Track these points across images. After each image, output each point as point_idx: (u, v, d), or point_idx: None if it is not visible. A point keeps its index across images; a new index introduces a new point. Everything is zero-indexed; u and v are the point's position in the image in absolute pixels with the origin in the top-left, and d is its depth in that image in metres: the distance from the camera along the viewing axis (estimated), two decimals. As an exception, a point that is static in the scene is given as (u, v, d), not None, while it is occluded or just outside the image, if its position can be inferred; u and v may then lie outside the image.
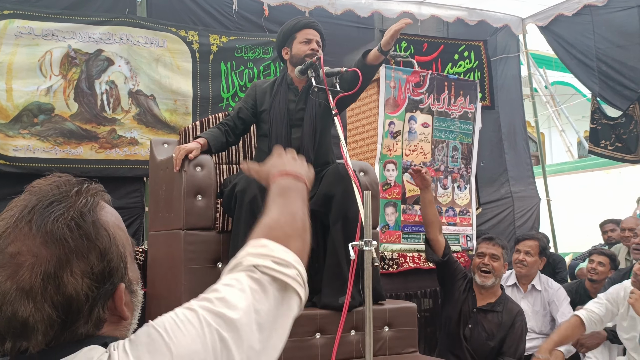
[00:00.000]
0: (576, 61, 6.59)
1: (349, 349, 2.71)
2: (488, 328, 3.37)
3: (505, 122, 6.86)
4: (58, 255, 0.84)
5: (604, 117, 6.68)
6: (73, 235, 0.86)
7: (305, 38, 3.06)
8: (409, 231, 4.46)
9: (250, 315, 0.90)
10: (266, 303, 0.93)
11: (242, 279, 0.94)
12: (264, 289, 0.94)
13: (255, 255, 0.98)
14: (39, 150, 4.58)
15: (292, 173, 1.19)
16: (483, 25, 6.66)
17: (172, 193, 2.97)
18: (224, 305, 0.89)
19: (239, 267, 0.97)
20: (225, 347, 0.86)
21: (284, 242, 1.02)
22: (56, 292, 0.84)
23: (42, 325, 0.84)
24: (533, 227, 6.71)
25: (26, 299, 0.83)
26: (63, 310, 0.84)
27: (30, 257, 0.84)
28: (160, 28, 5.05)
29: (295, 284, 0.98)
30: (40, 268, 0.84)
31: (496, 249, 3.41)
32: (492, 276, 3.36)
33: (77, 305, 0.85)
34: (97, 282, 0.87)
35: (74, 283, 0.85)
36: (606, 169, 9.98)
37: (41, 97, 4.61)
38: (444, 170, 4.63)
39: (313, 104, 3.04)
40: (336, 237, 2.75)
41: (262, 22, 5.54)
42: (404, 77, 4.48)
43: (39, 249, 0.84)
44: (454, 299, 3.47)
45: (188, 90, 5.12)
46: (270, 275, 0.95)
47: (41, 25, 4.63)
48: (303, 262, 1.04)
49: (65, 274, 0.84)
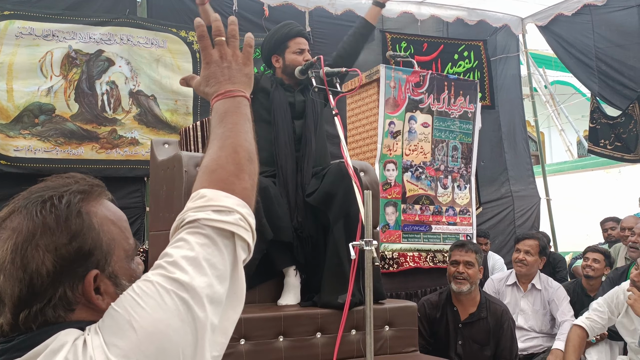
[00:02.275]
0: (576, 61, 6.60)
1: (349, 349, 2.72)
2: (479, 338, 3.34)
3: (505, 121, 6.88)
4: (27, 229, 0.88)
5: (604, 116, 6.69)
6: (44, 212, 0.89)
7: (298, 48, 3.07)
8: (409, 231, 4.47)
9: (205, 271, 0.89)
10: (218, 255, 0.92)
11: (189, 238, 0.93)
12: (212, 241, 0.93)
13: (196, 209, 0.96)
14: (39, 150, 4.59)
15: (229, 92, 1.11)
16: (483, 25, 6.67)
17: (173, 193, 2.98)
18: (177, 269, 0.88)
19: (183, 225, 0.96)
20: (188, 307, 0.86)
21: (226, 184, 1.00)
22: (21, 264, 0.87)
23: (9, 300, 0.87)
24: (533, 226, 6.73)
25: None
26: (26, 285, 0.87)
27: (8, 231, 0.89)
28: (161, 28, 5.07)
29: (239, 229, 0.96)
30: (11, 241, 0.88)
31: (469, 256, 3.37)
32: (467, 282, 3.33)
33: (40, 280, 0.87)
34: (63, 261, 0.88)
35: (37, 257, 0.87)
36: (606, 168, 9.99)
37: (42, 98, 4.62)
38: (444, 170, 4.64)
39: (312, 99, 3.09)
40: (337, 236, 2.75)
41: (262, 22, 5.56)
42: (403, 77, 4.49)
43: (14, 225, 0.89)
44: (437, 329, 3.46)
45: (188, 90, 5.12)
46: (213, 226, 0.94)
47: (42, 26, 4.64)
48: (249, 200, 1.02)
49: (29, 247, 0.87)
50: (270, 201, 2.75)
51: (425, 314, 3.46)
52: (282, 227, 2.76)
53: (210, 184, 1.00)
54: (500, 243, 6.52)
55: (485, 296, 3.46)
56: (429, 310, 3.46)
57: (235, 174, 1.03)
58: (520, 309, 3.94)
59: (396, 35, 6.27)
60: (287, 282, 2.85)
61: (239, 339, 2.48)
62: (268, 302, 2.90)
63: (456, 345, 3.35)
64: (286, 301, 2.80)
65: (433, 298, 3.55)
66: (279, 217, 2.76)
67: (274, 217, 2.74)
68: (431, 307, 3.47)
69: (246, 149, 1.07)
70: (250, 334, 2.51)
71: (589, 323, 3.27)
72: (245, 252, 0.98)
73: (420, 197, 4.52)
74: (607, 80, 6.41)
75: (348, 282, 2.28)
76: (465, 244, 3.50)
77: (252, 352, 2.50)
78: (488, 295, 3.55)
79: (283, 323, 2.59)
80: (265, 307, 2.82)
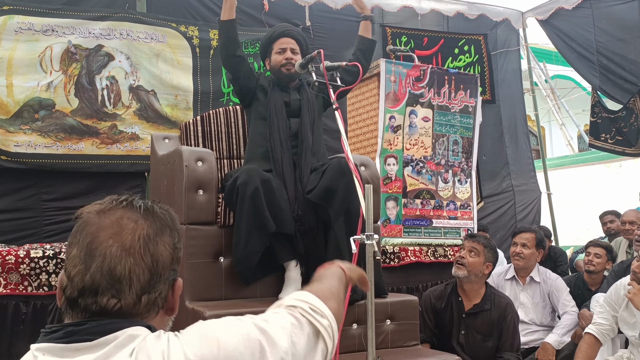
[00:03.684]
0: (576, 55, 6.58)
1: (351, 343, 2.72)
2: (482, 329, 3.35)
3: (506, 116, 6.86)
4: (156, 225, 1.03)
5: (605, 110, 6.67)
6: (165, 215, 1.06)
7: (280, 48, 3.11)
8: (410, 225, 4.47)
9: (287, 340, 1.01)
10: (302, 338, 1.04)
11: (283, 313, 1.08)
12: (301, 326, 1.06)
13: (295, 299, 1.12)
14: (40, 145, 4.58)
15: (344, 267, 1.35)
16: (483, 19, 6.65)
17: (174, 188, 2.97)
18: (268, 325, 1.01)
19: (280, 306, 1.11)
20: (263, 355, 0.97)
21: (323, 299, 1.15)
22: (152, 253, 1.00)
23: (137, 281, 0.98)
24: (534, 220, 6.72)
25: (127, 255, 0.98)
26: (152, 271, 0.99)
27: (132, 222, 1.01)
28: (160, 23, 5.05)
29: (325, 333, 1.09)
30: (141, 232, 1.00)
31: (476, 245, 3.41)
32: (464, 269, 3.36)
33: (161, 269, 1.01)
34: (175, 258, 1.05)
35: (163, 250, 1.02)
36: (607, 163, 9.99)
37: (42, 93, 4.61)
38: (444, 164, 4.64)
39: (308, 97, 3.10)
40: (338, 231, 2.76)
41: (262, 16, 5.53)
42: (404, 72, 4.48)
43: (140, 219, 1.02)
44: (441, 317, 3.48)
45: (189, 85, 5.12)
46: (306, 317, 1.08)
47: (41, 21, 4.63)
48: (339, 320, 1.16)
49: (160, 240, 1.02)
50: (272, 194, 2.76)
51: (431, 304, 3.50)
52: (284, 219, 2.77)
53: (312, 292, 1.16)
54: (502, 237, 6.51)
55: (491, 289, 3.48)
56: (434, 300, 3.50)
57: (331, 298, 1.18)
58: (520, 302, 3.95)
59: (396, 29, 6.26)
60: (288, 276, 2.85)
61: (241, 333, 2.48)
62: (269, 297, 2.90)
63: (459, 334, 3.37)
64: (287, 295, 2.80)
65: (439, 289, 3.59)
66: (281, 209, 2.77)
67: (276, 209, 2.75)
68: (436, 297, 3.51)
69: (339, 297, 1.23)
70: (251, 328, 2.50)
71: (596, 328, 3.26)
72: (322, 356, 1.10)
73: (421, 191, 4.52)
74: (608, 74, 6.40)
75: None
76: (477, 236, 3.56)
77: (253, 346, 2.49)
78: (494, 288, 3.57)
79: (284, 317, 2.59)
80: (267, 301, 2.80)
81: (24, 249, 3.52)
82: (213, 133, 3.43)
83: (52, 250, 3.46)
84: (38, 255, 3.39)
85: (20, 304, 3.36)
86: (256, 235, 2.73)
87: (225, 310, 2.48)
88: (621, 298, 3.21)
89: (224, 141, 3.43)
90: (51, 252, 3.43)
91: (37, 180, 4.62)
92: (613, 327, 3.28)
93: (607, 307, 3.27)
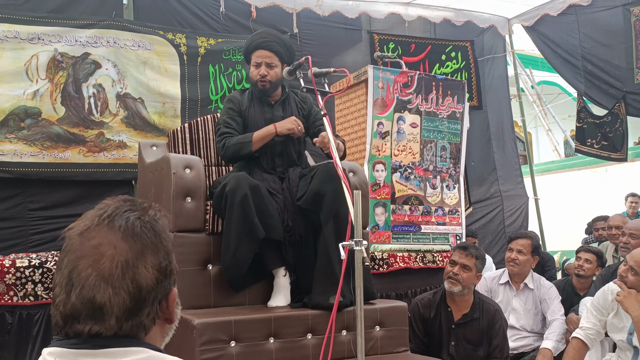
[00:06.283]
0: (562, 60, 6.65)
1: (340, 349, 2.71)
2: (472, 339, 3.34)
3: (493, 121, 6.91)
4: (136, 249, 0.99)
5: (590, 115, 6.74)
6: (149, 233, 1.01)
7: (255, 62, 3.09)
8: (398, 231, 4.47)
9: None
10: None
11: None
12: None
13: None
14: (26, 154, 4.54)
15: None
16: (470, 25, 6.70)
17: (162, 195, 2.96)
18: None
19: None
20: None
21: None
22: (132, 280, 0.97)
23: (117, 309, 0.95)
24: (522, 225, 6.76)
25: (105, 284, 0.95)
26: (134, 298, 0.97)
27: (111, 248, 0.97)
28: (148, 31, 5.03)
29: None
30: (120, 258, 0.97)
31: (468, 260, 3.36)
32: (459, 284, 3.34)
33: (145, 294, 0.98)
34: (162, 276, 1.01)
35: (146, 274, 0.98)
36: (593, 168, 10.07)
37: (28, 101, 4.58)
38: (432, 170, 4.65)
39: (290, 111, 3.12)
40: (327, 236, 2.75)
41: (249, 23, 5.54)
42: (392, 78, 4.50)
43: (119, 243, 0.98)
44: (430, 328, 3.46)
45: (176, 92, 5.11)
46: None
47: (27, 29, 4.60)
48: None
49: (140, 263, 0.98)
50: (261, 200, 2.75)
51: (419, 313, 3.46)
52: (273, 226, 2.76)
53: None
54: (490, 243, 6.54)
55: (479, 296, 3.46)
56: (423, 309, 3.46)
57: None
58: (512, 307, 3.95)
59: (384, 36, 6.29)
60: (277, 283, 2.84)
61: (229, 341, 2.47)
62: (258, 304, 2.89)
63: (449, 345, 3.35)
64: (276, 302, 2.79)
65: (426, 297, 3.54)
66: (270, 216, 2.76)
67: (265, 215, 2.74)
68: (425, 306, 3.47)
69: None
70: (240, 336, 2.49)
71: (583, 332, 3.27)
72: None
73: (410, 197, 4.53)
74: (593, 80, 6.47)
75: (338, 282, 2.28)
76: (468, 248, 3.47)
77: (242, 354, 2.48)
78: (482, 295, 3.55)
79: (273, 324, 2.58)
80: (256, 308, 2.81)
81: (9, 258, 3.47)
82: (201, 140, 3.42)
83: (38, 259, 3.42)
84: (24, 264, 3.35)
85: (5, 314, 3.32)
86: (245, 242, 2.71)
87: (213, 318, 2.47)
88: (609, 303, 3.22)
89: (212, 148, 3.42)
90: (37, 261, 3.39)
91: (23, 189, 4.58)
92: (600, 331, 3.29)
93: (594, 312, 3.28)
